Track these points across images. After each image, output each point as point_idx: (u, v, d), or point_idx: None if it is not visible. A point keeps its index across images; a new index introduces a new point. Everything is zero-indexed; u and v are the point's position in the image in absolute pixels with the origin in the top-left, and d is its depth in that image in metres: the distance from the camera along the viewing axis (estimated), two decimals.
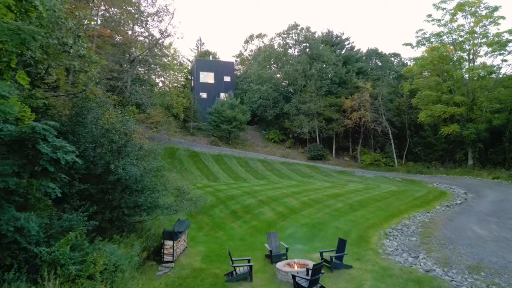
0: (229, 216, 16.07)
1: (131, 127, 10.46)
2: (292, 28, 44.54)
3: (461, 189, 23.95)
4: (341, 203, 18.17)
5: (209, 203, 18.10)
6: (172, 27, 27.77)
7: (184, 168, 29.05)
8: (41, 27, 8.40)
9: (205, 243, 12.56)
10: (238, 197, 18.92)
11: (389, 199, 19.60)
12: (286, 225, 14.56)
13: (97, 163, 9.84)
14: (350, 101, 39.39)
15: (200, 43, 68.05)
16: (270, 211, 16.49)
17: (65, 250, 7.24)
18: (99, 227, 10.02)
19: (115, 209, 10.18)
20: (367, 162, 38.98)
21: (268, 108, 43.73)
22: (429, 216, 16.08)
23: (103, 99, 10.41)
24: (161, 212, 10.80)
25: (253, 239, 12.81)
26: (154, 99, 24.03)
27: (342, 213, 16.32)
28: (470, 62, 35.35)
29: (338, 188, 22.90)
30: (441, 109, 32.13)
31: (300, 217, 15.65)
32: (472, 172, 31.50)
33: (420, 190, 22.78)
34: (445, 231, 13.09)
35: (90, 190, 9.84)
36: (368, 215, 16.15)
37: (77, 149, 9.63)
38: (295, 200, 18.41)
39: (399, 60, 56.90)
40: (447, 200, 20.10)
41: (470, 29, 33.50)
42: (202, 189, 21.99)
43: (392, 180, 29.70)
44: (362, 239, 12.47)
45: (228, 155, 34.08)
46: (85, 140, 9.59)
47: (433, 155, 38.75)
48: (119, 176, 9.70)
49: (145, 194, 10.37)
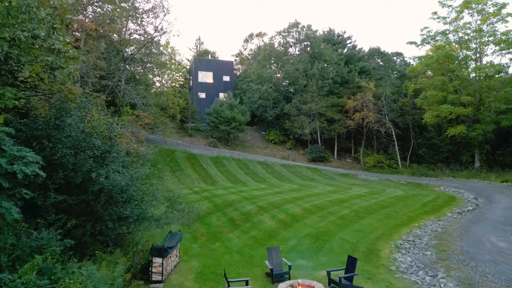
0: (226, 224, 14.99)
1: (116, 130, 9.38)
2: (292, 26, 43.44)
3: (470, 194, 22.87)
4: (346, 210, 17.10)
5: (206, 210, 17.04)
6: (168, 24, 27.13)
7: (181, 170, 27.96)
8: (10, 17, 7.35)
9: (200, 256, 11.48)
10: (236, 203, 17.85)
11: (396, 205, 18.52)
12: (288, 235, 13.48)
13: (77, 171, 8.75)
14: (353, 101, 38.29)
15: (199, 42, 67.03)
16: (270, 219, 15.41)
17: (30, 276, 6.16)
18: (79, 243, 8.97)
19: (98, 222, 9.11)
20: (370, 164, 37.90)
21: (268, 109, 42.65)
22: (441, 224, 15.00)
23: (85, 100, 9.29)
24: (149, 224, 9.71)
25: (252, 252, 11.72)
26: (149, 99, 22.90)
27: (347, 221, 15.25)
28: (476, 61, 34.27)
29: (342, 192, 21.83)
30: (447, 110, 31.03)
31: (303, 226, 14.57)
32: (480, 175, 30.40)
33: (428, 195, 21.69)
34: (462, 243, 12.01)
35: (69, 202, 8.78)
36: (375, 223, 15.07)
37: (54, 155, 8.67)
38: (297, 207, 17.34)
39: (401, 59, 55.85)
40: (457, 206, 19.02)
41: (477, 27, 32.38)
42: (199, 193, 20.93)
43: (397, 183, 28.61)
44: (371, 253, 11.39)
45: (227, 157, 32.99)
46: (63, 145, 8.51)
47: (438, 157, 37.64)
48: (101, 185, 8.63)
49: (131, 205, 9.28)
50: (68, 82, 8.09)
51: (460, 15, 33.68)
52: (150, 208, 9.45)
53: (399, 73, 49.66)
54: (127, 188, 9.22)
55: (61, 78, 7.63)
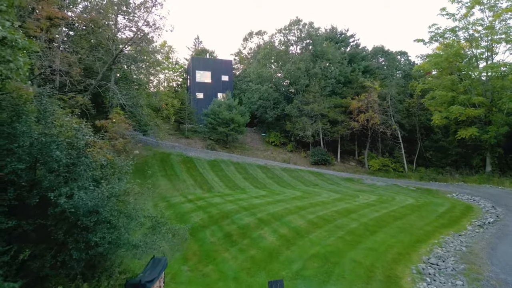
0: (222, 241, 13.32)
1: (85, 138, 7.71)
2: (294, 24, 41.74)
3: (486, 202, 21.21)
4: (355, 222, 15.42)
5: (200, 222, 15.38)
6: (160, 18, 25.02)
7: (176, 175, 26.27)
8: None
9: (189, 284, 9.81)
10: (233, 215, 16.18)
11: (410, 217, 16.83)
12: (291, 256, 11.79)
13: (32, 190, 7.08)
14: (357, 102, 36.59)
15: (198, 41, 65.41)
16: (271, 235, 13.73)
17: None
18: (37, 277, 7.32)
19: (61, 251, 7.45)
20: (375, 168, 36.20)
21: (268, 109, 40.97)
22: (463, 242, 13.31)
23: (45, 101, 7.61)
24: (125, 253, 8.03)
25: (251, 280, 10.04)
26: (140, 100, 21.18)
27: (358, 237, 13.56)
28: (487, 60, 32.60)
29: (349, 201, 20.16)
30: (458, 111, 29.36)
31: (308, 243, 12.89)
32: (492, 180, 28.74)
33: (442, 204, 20.01)
34: (494, 268, 10.33)
35: (23, 227, 7.12)
36: (389, 240, 13.38)
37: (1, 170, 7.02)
38: (301, 219, 15.66)
39: (405, 58, 54.20)
40: (476, 217, 17.34)
41: (489, 23, 30.72)
42: (194, 202, 19.27)
43: (405, 189, 26.92)
44: (390, 281, 9.71)
45: (225, 161, 31.30)
46: (14, 158, 6.83)
47: (446, 160, 35.92)
48: (62, 207, 6.94)
49: (102, 230, 7.60)
50: (17, 78, 6.41)
51: (471, 11, 32.04)
52: (127, 232, 7.76)
53: (404, 73, 48.00)
54: (98, 209, 7.54)
55: (5, 73, 5.94)
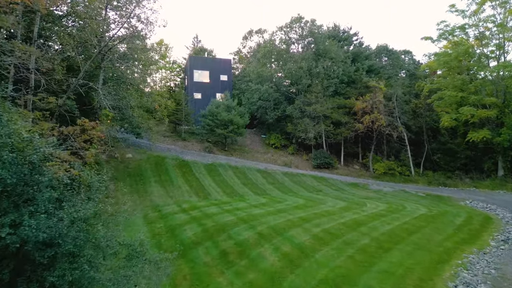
0: (217, 261, 11.78)
1: (41, 150, 6.16)
2: (295, 21, 40.14)
3: (505, 211, 19.68)
4: (365, 237, 13.86)
5: (193, 237, 13.86)
6: (152, 12, 24.00)
7: (171, 181, 24.72)
8: None
9: None
10: (231, 228, 14.64)
11: (425, 230, 15.27)
12: (296, 281, 10.23)
13: None
14: (361, 103, 34.99)
15: (196, 41, 63.78)
16: (272, 254, 12.17)
17: None
18: None
19: None
20: (380, 172, 34.60)
21: (268, 110, 39.39)
22: (490, 262, 11.76)
23: None
24: None
25: None
26: (130, 101, 19.63)
27: (370, 257, 12.00)
28: (498, 59, 31.05)
29: (356, 210, 18.60)
30: (469, 112, 27.79)
31: (315, 264, 11.33)
32: (506, 185, 27.19)
33: (458, 214, 18.43)
34: None
35: None
36: (406, 259, 11.83)
37: None
38: (305, 233, 14.11)
39: (410, 57, 52.68)
40: (498, 231, 15.77)
41: (502, 20, 29.18)
42: (188, 212, 17.74)
43: (415, 195, 25.35)
44: None
45: (223, 165, 29.74)
46: None
47: (455, 164, 34.29)
48: (5, 242, 5.39)
49: (62, 266, 6.03)
50: None
51: (481, 8, 30.50)
52: (92, 269, 6.20)
53: (408, 72, 46.44)
54: (55, 241, 5.98)
55: None
